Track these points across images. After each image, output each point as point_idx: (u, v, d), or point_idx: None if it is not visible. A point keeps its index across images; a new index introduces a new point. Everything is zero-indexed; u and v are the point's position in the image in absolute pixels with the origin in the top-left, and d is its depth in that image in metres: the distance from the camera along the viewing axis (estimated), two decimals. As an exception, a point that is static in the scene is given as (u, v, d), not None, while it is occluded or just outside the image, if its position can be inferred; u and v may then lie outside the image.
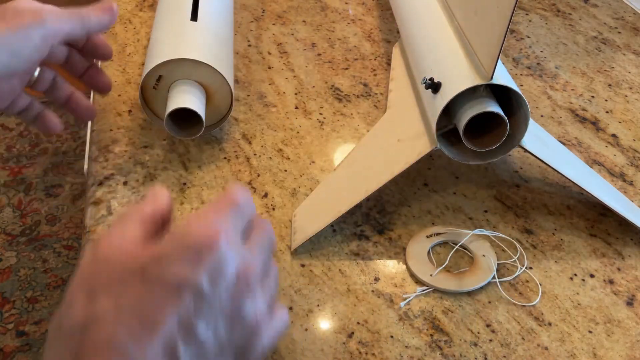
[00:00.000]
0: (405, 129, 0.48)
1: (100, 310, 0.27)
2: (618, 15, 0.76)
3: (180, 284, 0.28)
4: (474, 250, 0.45)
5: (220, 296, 0.29)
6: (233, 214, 0.31)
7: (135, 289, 0.28)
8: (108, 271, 0.28)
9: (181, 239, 0.29)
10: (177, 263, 0.28)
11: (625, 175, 0.53)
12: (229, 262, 0.29)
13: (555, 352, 0.39)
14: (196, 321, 0.28)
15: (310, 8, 0.74)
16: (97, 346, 0.26)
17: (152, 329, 0.27)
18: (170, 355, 0.27)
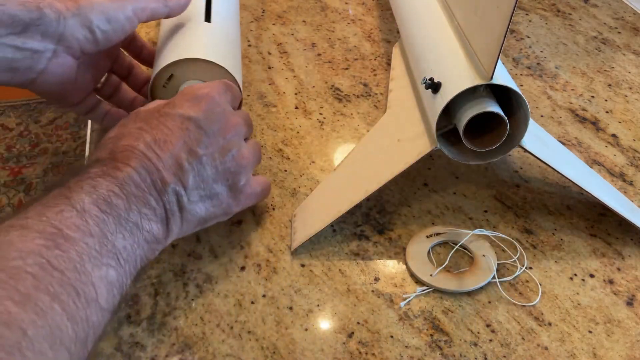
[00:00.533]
0: (405, 129, 0.48)
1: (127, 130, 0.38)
2: (618, 15, 0.76)
3: (184, 117, 0.39)
4: (474, 250, 0.45)
5: (214, 131, 0.40)
6: (224, 87, 0.43)
7: (153, 120, 0.39)
8: (137, 115, 0.40)
9: (185, 92, 0.41)
10: (182, 105, 0.40)
11: (625, 175, 0.53)
12: (219, 107, 0.41)
13: (555, 352, 0.39)
14: (197, 145, 0.39)
15: (310, 8, 0.74)
16: (124, 148, 0.36)
17: (164, 146, 0.37)
18: (178, 165, 0.38)
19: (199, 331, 0.40)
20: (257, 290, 0.42)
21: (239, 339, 0.39)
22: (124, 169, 0.35)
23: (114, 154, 0.36)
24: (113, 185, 0.34)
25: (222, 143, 0.40)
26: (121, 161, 0.36)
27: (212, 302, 0.41)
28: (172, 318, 0.40)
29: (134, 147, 0.37)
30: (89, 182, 0.34)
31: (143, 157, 0.36)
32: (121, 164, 0.35)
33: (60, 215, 0.31)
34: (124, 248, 0.33)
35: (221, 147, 0.40)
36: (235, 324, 0.40)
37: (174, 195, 0.37)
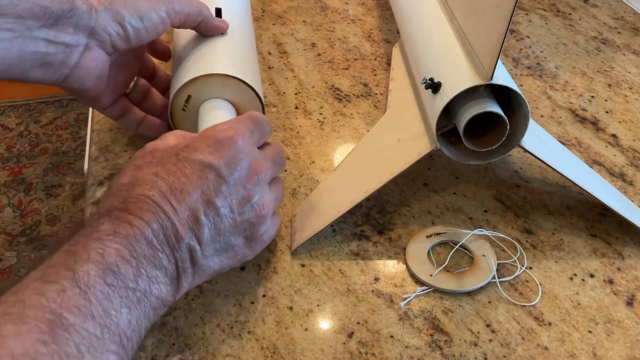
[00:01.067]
0: (405, 129, 0.48)
1: (142, 175, 0.36)
2: (618, 15, 0.76)
3: (204, 164, 0.36)
4: (474, 250, 0.45)
5: (235, 181, 0.37)
6: (251, 126, 0.40)
7: (170, 165, 0.36)
8: (153, 155, 0.38)
9: (207, 134, 0.38)
10: (202, 149, 0.37)
11: (625, 175, 0.53)
12: (243, 154, 0.38)
13: (555, 352, 0.39)
14: (215, 196, 0.36)
15: (310, 8, 0.74)
16: (139, 198, 0.34)
17: (180, 196, 0.35)
18: (194, 218, 0.35)
19: (199, 331, 0.40)
20: (257, 290, 0.42)
21: (239, 339, 0.39)
22: (135, 224, 0.33)
23: (127, 203, 0.34)
24: (122, 247, 0.32)
25: (242, 193, 0.37)
26: (134, 213, 0.34)
27: (212, 302, 0.41)
28: (172, 318, 0.40)
29: (148, 197, 0.34)
30: (97, 245, 0.32)
31: (158, 209, 0.34)
32: (133, 218, 0.34)
33: (61, 295, 0.29)
34: (129, 324, 0.31)
35: (241, 197, 0.37)
36: (235, 324, 0.40)
37: (188, 252, 0.35)
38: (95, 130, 0.55)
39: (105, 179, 0.50)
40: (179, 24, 0.46)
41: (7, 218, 1.55)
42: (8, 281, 1.39)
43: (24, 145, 1.77)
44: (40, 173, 1.68)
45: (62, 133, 1.82)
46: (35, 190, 1.63)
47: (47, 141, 1.79)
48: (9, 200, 1.60)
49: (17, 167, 1.70)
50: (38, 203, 1.59)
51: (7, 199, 1.60)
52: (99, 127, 0.55)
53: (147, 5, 0.44)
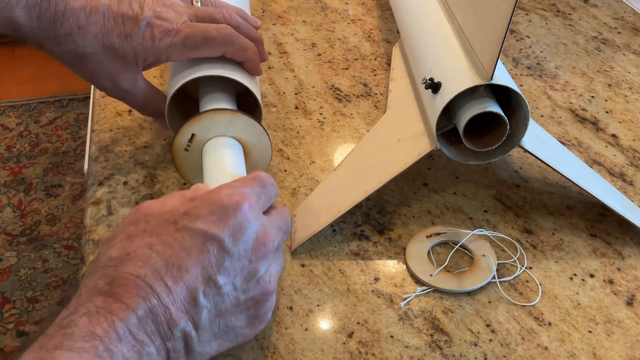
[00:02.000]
0: (405, 129, 0.48)
1: (134, 248, 0.31)
2: (618, 15, 0.76)
3: (206, 236, 0.32)
4: (474, 250, 0.45)
5: (240, 253, 0.33)
6: (258, 189, 0.36)
7: (167, 236, 0.32)
8: (147, 221, 0.33)
9: (210, 199, 0.34)
10: (205, 218, 0.33)
11: (625, 175, 0.53)
12: (250, 223, 0.34)
13: (555, 352, 0.39)
14: (217, 272, 0.32)
15: (310, 8, 0.74)
16: (127, 278, 0.30)
17: (177, 274, 0.31)
18: (192, 299, 0.31)
19: (199, 331, 0.40)
20: (257, 290, 0.42)
21: (239, 339, 0.39)
22: (119, 316, 0.29)
23: (113, 286, 0.30)
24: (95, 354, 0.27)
25: (248, 267, 0.33)
26: (119, 299, 0.29)
27: (212, 302, 0.41)
28: (172, 318, 0.40)
29: (139, 277, 0.30)
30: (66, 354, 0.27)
31: (149, 292, 0.30)
32: (117, 305, 0.29)
33: None
34: None
35: (247, 272, 0.33)
36: (235, 324, 0.40)
37: (182, 339, 0.31)
38: (95, 130, 0.55)
39: (105, 179, 0.50)
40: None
41: (7, 218, 1.55)
42: (8, 281, 1.39)
43: (24, 145, 1.77)
44: (40, 173, 1.68)
45: (62, 133, 1.82)
46: (35, 190, 1.63)
47: (47, 141, 1.79)
48: (9, 200, 1.60)
49: (17, 167, 1.70)
50: (38, 203, 1.59)
51: (7, 199, 1.60)
52: (99, 127, 0.55)
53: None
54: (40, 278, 1.40)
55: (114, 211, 0.47)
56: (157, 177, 0.50)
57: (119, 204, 0.48)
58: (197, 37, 0.44)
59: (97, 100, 0.58)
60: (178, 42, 0.44)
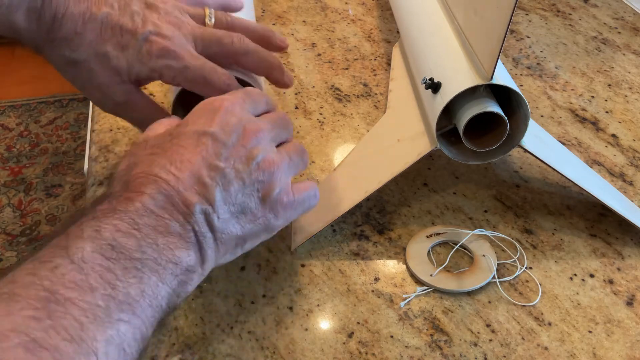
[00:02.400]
0: (405, 129, 0.48)
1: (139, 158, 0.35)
2: (618, 15, 0.76)
3: (199, 133, 0.36)
4: (474, 250, 0.45)
5: (233, 142, 0.36)
6: (241, 94, 0.39)
7: (165, 144, 0.36)
8: (146, 142, 0.37)
9: (197, 109, 0.37)
10: (194, 121, 0.36)
11: (625, 175, 0.53)
12: (235, 117, 0.37)
13: (555, 352, 0.39)
14: (217, 158, 0.35)
15: (310, 8, 0.74)
16: (138, 176, 0.34)
17: (181, 165, 0.34)
18: (200, 183, 0.34)
19: (199, 331, 0.40)
20: (257, 290, 0.42)
21: (239, 339, 0.39)
22: (137, 199, 0.32)
23: (127, 184, 0.33)
24: (121, 222, 0.31)
25: (243, 152, 0.36)
26: (134, 190, 0.33)
27: (212, 302, 0.41)
28: (172, 318, 0.40)
29: (147, 173, 0.34)
30: (92, 224, 0.31)
31: (159, 180, 0.33)
32: (134, 194, 0.33)
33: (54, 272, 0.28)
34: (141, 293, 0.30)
35: (244, 157, 0.36)
36: (235, 324, 0.40)
37: (202, 215, 0.34)
38: (95, 130, 0.55)
39: (105, 179, 0.50)
40: None
41: (7, 218, 1.55)
42: (8, 281, 1.39)
43: (24, 145, 1.77)
44: (40, 173, 1.68)
45: (62, 133, 1.82)
46: (35, 190, 1.63)
47: (47, 141, 1.79)
48: (9, 200, 1.60)
49: (17, 167, 1.70)
50: (38, 203, 1.59)
51: (7, 199, 1.60)
52: (99, 127, 0.55)
53: None
54: (40, 278, 1.40)
55: (114, 211, 0.47)
56: (157, 177, 0.50)
57: (119, 204, 0.48)
58: (197, 74, 0.42)
59: (97, 100, 0.58)
60: (176, 67, 0.42)
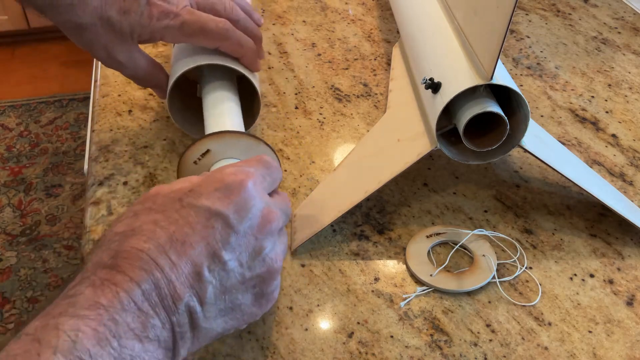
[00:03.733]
0: (405, 129, 0.48)
1: (139, 224, 0.32)
2: (618, 15, 0.76)
3: (211, 212, 0.32)
4: (474, 250, 0.45)
5: (245, 230, 0.33)
6: (262, 170, 0.36)
7: (172, 213, 0.32)
8: (154, 200, 0.33)
9: (215, 177, 0.34)
10: (210, 194, 0.33)
11: (625, 175, 0.53)
12: (255, 200, 0.34)
13: (555, 352, 0.39)
14: (223, 248, 0.32)
15: (310, 8, 0.74)
16: (131, 252, 0.30)
17: (181, 249, 0.31)
18: (196, 274, 0.31)
19: (199, 331, 0.40)
20: (257, 290, 0.42)
21: (239, 339, 0.39)
22: (122, 287, 0.29)
23: (117, 259, 0.30)
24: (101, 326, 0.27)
25: (253, 244, 0.33)
26: (123, 272, 0.29)
27: (212, 302, 0.41)
28: (172, 318, 0.40)
29: (142, 251, 0.30)
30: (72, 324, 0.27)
31: (152, 265, 0.30)
32: (121, 278, 0.29)
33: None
34: None
35: (252, 249, 0.33)
36: (235, 324, 0.40)
37: (187, 314, 0.31)
38: (95, 130, 0.55)
39: (105, 179, 0.50)
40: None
41: (7, 218, 1.55)
42: (8, 281, 1.39)
43: (24, 145, 1.77)
44: (40, 173, 1.68)
45: (62, 133, 1.82)
46: (35, 190, 1.63)
47: (47, 141, 1.79)
48: (9, 200, 1.60)
49: (17, 167, 1.70)
50: (38, 203, 1.59)
51: (7, 199, 1.60)
52: (99, 127, 0.55)
53: None
54: (40, 278, 1.40)
55: (114, 211, 0.47)
56: (157, 177, 0.50)
57: (119, 204, 0.48)
58: (194, 26, 0.45)
59: (97, 100, 0.58)
60: (174, 25, 0.45)
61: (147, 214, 0.32)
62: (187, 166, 0.42)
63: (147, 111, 0.57)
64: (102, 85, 0.60)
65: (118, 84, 0.60)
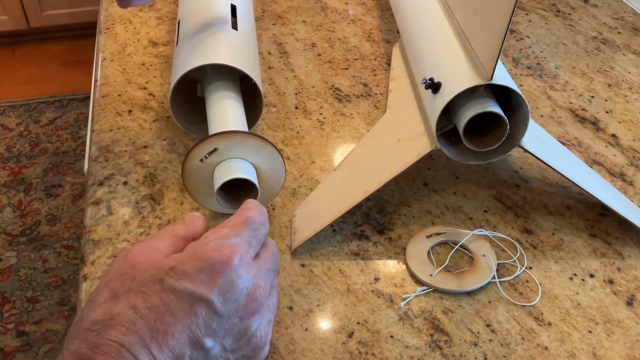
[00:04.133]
0: (405, 129, 0.48)
1: (118, 311, 0.30)
2: (618, 15, 0.76)
3: (194, 297, 0.30)
4: (474, 250, 0.45)
5: (230, 313, 0.31)
6: (249, 234, 0.34)
7: (153, 297, 0.30)
8: (133, 276, 0.31)
9: (198, 254, 0.31)
10: (193, 276, 0.31)
11: (625, 175, 0.53)
12: (241, 280, 0.32)
13: (555, 352, 0.39)
14: (205, 334, 0.30)
15: (310, 8, 0.74)
16: (111, 345, 0.28)
17: (162, 340, 0.29)
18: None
19: (199, 331, 0.40)
20: (257, 290, 0.42)
21: (239, 339, 0.39)
22: None
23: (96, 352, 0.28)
24: None
25: (238, 327, 0.32)
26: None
27: (212, 302, 0.41)
28: (172, 318, 0.40)
29: (122, 346, 0.29)
30: None
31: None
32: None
33: None
34: None
35: (236, 331, 0.32)
36: (235, 324, 0.40)
37: None
38: (95, 130, 0.55)
39: (105, 179, 0.50)
40: None
41: (7, 218, 1.55)
42: (8, 281, 1.39)
43: (24, 145, 1.77)
44: (40, 173, 1.68)
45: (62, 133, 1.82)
46: (35, 190, 1.63)
47: (47, 141, 1.79)
48: (9, 200, 1.60)
49: (17, 167, 1.70)
50: (38, 203, 1.59)
51: (7, 199, 1.60)
52: (99, 127, 0.55)
53: None
54: (40, 278, 1.40)
55: (114, 211, 0.47)
56: (157, 177, 0.50)
57: (119, 204, 0.48)
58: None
59: (97, 100, 0.58)
60: None
61: (126, 297, 0.30)
62: (192, 163, 0.42)
63: (147, 111, 0.57)
64: (102, 85, 0.60)
65: (118, 84, 0.60)
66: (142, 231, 0.46)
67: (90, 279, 0.43)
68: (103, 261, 0.44)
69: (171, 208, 0.48)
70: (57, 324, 1.30)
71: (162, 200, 0.48)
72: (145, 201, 0.48)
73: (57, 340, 1.27)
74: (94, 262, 0.44)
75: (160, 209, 0.47)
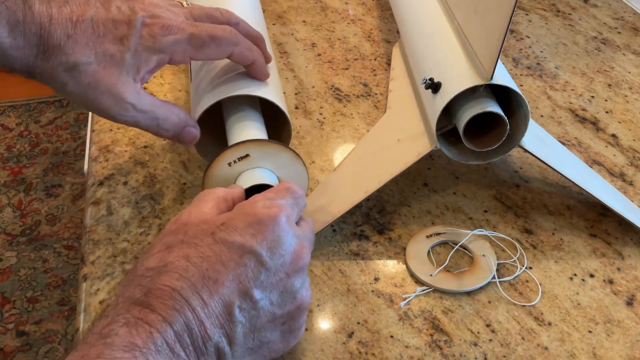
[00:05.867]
0: (405, 129, 0.48)
1: (172, 259, 0.31)
2: (618, 15, 0.76)
3: (244, 249, 0.32)
4: (474, 250, 0.45)
5: (277, 267, 0.33)
6: (291, 200, 0.36)
7: (204, 248, 0.32)
8: (185, 231, 0.33)
9: (247, 211, 0.34)
10: (243, 230, 0.33)
11: (625, 175, 0.53)
12: (287, 237, 0.33)
13: (555, 352, 0.39)
14: (254, 286, 0.32)
15: (310, 8, 0.74)
16: (164, 290, 0.30)
17: (213, 287, 0.31)
18: (227, 314, 0.31)
19: (199, 331, 0.40)
20: (257, 290, 0.42)
21: (239, 339, 0.39)
22: (156, 328, 0.29)
23: (150, 297, 0.30)
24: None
25: (284, 281, 0.33)
26: (156, 311, 0.29)
27: (212, 302, 0.41)
28: (172, 318, 0.40)
29: (175, 290, 0.30)
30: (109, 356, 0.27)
31: (185, 305, 0.30)
32: (154, 318, 0.29)
33: None
34: None
35: (283, 286, 0.33)
36: (235, 324, 0.40)
37: (215, 354, 0.31)
38: (95, 130, 0.55)
39: (105, 179, 0.50)
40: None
41: (7, 218, 1.55)
42: (8, 281, 1.39)
43: (24, 145, 1.77)
44: (40, 173, 1.68)
45: (62, 133, 1.82)
46: (35, 190, 1.63)
47: (47, 141, 1.79)
48: (9, 200, 1.60)
49: (17, 167, 1.70)
50: (38, 203, 1.59)
51: (7, 199, 1.60)
52: (99, 127, 0.55)
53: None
54: (40, 278, 1.40)
55: (114, 211, 0.47)
56: (157, 177, 0.50)
57: (119, 204, 0.48)
58: (203, 36, 0.40)
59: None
60: (183, 39, 0.40)
61: (179, 247, 0.32)
62: (220, 166, 0.41)
63: (147, 111, 0.56)
64: (102, 85, 0.59)
65: (118, 84, 0.59)
66: (142, 231, 0.46)
67: (90, 279, 0.43)
68: (103, 261, 0.44)
69: (171, 208, 0.48)
70: (57, 324, 1.30)
71: (162, 200, 0.48)
72: (145, 201, 0.48)
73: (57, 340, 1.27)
74: (94, 262, 0.44)
75: (160, 209, 0.47)
